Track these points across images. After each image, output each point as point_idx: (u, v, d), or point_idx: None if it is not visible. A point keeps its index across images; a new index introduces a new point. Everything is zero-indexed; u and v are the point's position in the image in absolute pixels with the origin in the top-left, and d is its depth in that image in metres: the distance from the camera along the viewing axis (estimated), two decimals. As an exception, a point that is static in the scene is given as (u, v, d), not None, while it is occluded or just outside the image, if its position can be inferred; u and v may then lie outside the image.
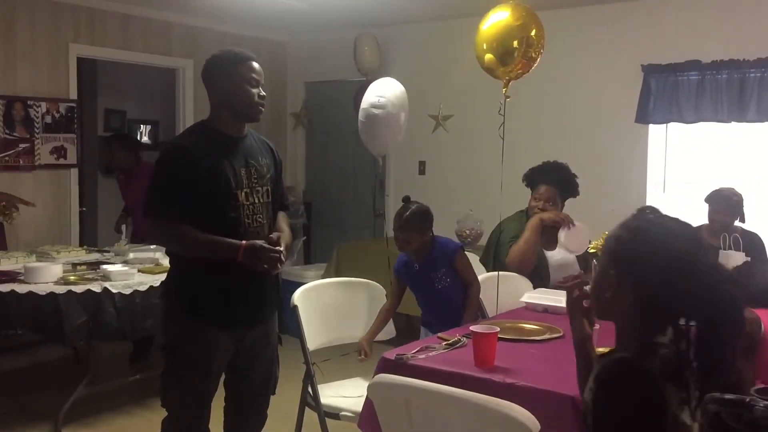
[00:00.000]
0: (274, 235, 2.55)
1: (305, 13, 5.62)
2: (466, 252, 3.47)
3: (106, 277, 3.89)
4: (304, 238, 6.67)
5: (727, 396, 1.54)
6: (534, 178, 3.92)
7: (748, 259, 3.70)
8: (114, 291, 3.77)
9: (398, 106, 4.28)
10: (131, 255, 4.40)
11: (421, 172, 6.21)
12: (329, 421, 2.97)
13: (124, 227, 5.18)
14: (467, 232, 5.37)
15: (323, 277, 5.27)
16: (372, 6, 5.40)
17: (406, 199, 3.41)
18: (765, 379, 2.98)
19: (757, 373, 3.08)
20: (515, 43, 3.45)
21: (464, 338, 2.71)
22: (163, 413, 2.63)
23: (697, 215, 4.34)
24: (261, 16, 5.82)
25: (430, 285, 3.32)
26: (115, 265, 4.12)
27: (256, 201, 2.60)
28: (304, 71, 6.85)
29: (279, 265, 2.50)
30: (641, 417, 1.33)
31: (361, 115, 4.35)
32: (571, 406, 2.08)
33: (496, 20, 3.49)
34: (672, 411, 1.35)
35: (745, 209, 4.11)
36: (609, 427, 1.36)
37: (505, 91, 3.54)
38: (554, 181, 3.85)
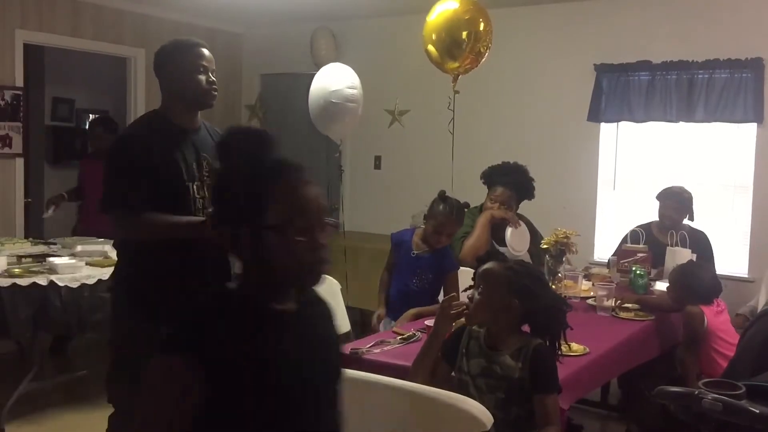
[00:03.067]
0: None
1: (261, 4, 5.56)
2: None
3: (52, 270, 3.78)
4: (258, 231, 6.60)
5: (676, 389, 1.58)
6: (492, 178, 3.91)
7: (694, 255, 3.82)
8: (60, 284, 3.68)
9: (361, 93, 4.20)
10: (79, 248, 4.29)
11: (377, 166, 6.21)
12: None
13: (52, 207, 4.98)
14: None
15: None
16: (329, -1, 5.37)
17: (444, 195, 3.34)
18: (709, 372, 3.07)
19: (702, 366, 3.18)
20: (464, 36, 3.44)
21: (419, 333, 2.73)
22: (110, 409, 2.58)
23: (645, 212, 4.44)
24: (216, 6, 5.73)
25: (410, 278, 3.29)
26: (62, 257, 4.02)
27: (207, 195, 2.56)
28: (259, 63, 6.78)
29: None
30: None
31: (333, 97, 4.14)
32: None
33: (444, 11, 3.47)
34: None
35: (694, 208, 4.22)
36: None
37: (454, 85, 3.54)
38: (512, 183, 3.87)
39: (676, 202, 4.13)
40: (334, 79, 4.20)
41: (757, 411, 1.56)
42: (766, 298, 3.78)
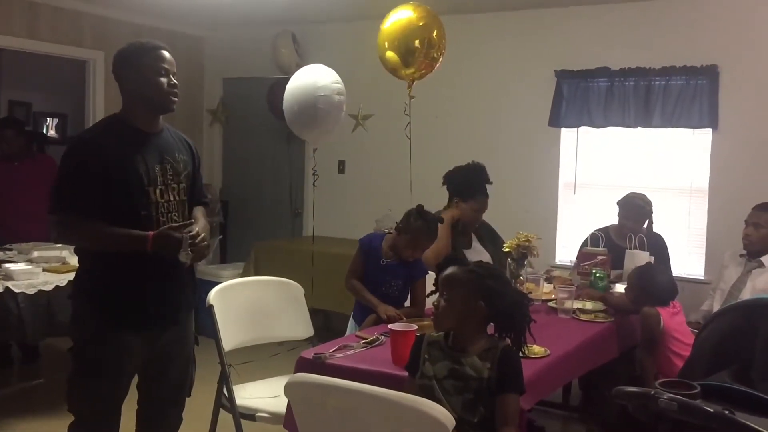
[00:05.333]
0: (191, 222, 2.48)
1: (223, 7, 5.52)
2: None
3: (8, 276, 3.71)
4: (221, 236, 6.55)
5: (633, 389, 1.62)
6: (478, 186, 3.81)
7: (652, 258, 3.89)
8: (17, 291, 3.60)
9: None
10: (35, 253, 4.21)
11: (341, 171, 6.21)
12: (245, 423, 2.93)
13: None
14: (385, 231, 5.39)
15: (242, 276, 5.18)
16: (292, 3, 5.36)
17: (422, 209, 3.29)
18: (666, 372, 3.13)
19: (659, 366, 3.24)
20: (417, 43, 3.49)
21: (382, 336, 2.73)
22: (70, 418, 2.53)
23: (605, 216, 4.51)
24: (177, 9, 5.67)
25: (380, 284, 3.26)
26: (18, 263, 3.94)
27: (171, 199, 2.53)
28: (221, 67, 6.73)
29: (197, 251, 2.43)
30: None
31: (319, 102, 4.10)
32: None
33: (398, 19, 3.51)
34: None
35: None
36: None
37: (410, 91, 3.58)
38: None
39: (636, 214, 4.20)
40: (325, 83, 4.13)
41: (712, 410, 1.60)
42: (720, 304, 3.86)
